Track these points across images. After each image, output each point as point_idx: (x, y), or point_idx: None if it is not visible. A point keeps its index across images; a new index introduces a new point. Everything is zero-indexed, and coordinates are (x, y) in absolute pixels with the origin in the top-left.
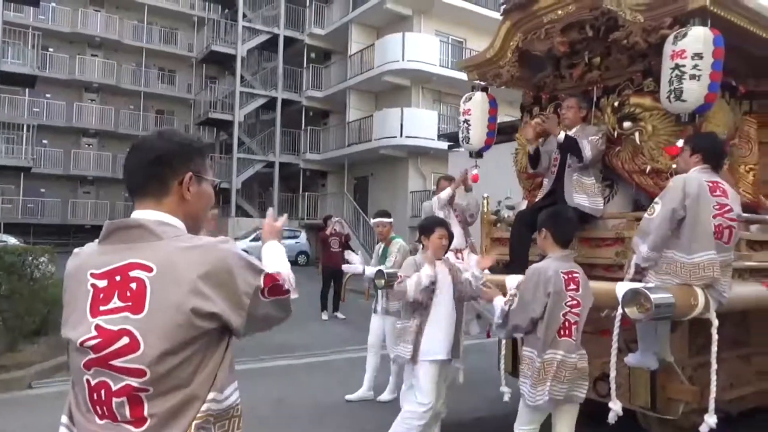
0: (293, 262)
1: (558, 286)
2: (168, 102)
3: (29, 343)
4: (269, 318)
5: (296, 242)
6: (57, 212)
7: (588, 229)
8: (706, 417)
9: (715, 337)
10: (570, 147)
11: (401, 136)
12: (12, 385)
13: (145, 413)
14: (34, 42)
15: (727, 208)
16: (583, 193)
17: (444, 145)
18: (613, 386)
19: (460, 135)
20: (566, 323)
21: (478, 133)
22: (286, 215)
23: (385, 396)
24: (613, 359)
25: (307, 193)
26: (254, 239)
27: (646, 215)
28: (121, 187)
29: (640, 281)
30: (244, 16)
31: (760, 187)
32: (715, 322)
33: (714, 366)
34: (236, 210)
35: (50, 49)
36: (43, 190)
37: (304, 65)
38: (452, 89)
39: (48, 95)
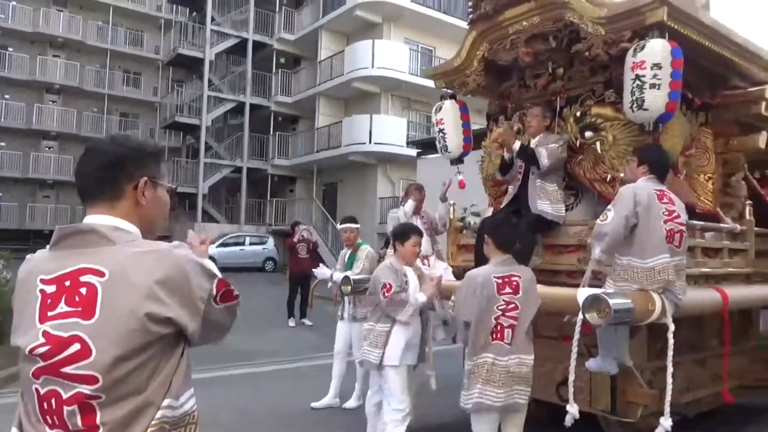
0: (260, 269)
1: (489, 290)
2: (133, 105)
3: None
4: (220, 325)
5: (264, 248)
6: (14, 217)
7: (551, 236)
8: (662, 420)
9: (671, 341)
10: (526, 157)
11: (370, 142)
12: None
13: (98, 421)
14: None
15: (675, 214)
16: (547, 200)
17: (413, 151)
18: (570, 389)
19: (438, 145)
20: (498, 327)
21: (454, 141)
22: (208, 237)
23: (351, 403)
24: (573, 363)
25: (275, 199)
26: (221, 245)
27: (598, 221)
28: None
29: (599, 287)
30: (213, 19)
31: (718, 196)
32: (672, 327)
33: (670, 369)
34: (203, 215)
35: (10, 49)
36: (0, 194)
37: (273, 70)
38: (421, 97)
39: (6, 96)
